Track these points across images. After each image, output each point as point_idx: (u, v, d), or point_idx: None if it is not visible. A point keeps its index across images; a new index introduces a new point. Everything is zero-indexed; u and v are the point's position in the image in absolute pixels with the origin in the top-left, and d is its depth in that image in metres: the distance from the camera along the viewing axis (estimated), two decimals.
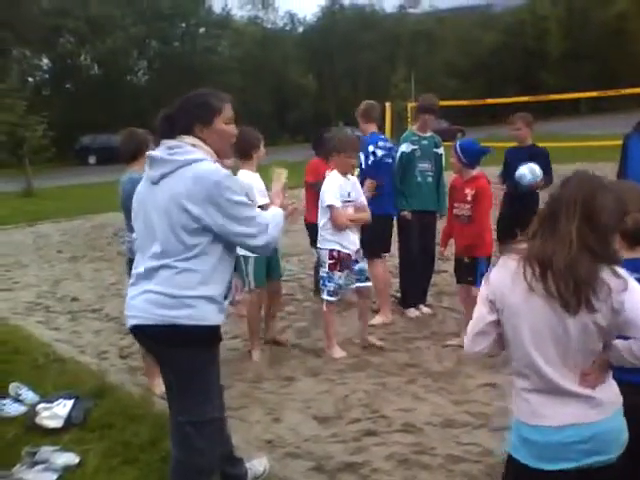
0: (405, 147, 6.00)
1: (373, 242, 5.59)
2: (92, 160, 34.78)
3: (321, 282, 5.17)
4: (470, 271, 5.02)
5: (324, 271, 5.08)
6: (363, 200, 5.19)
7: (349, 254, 5.05)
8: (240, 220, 2.63)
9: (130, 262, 4.47)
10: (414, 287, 6.19)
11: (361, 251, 5.20)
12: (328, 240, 5.05)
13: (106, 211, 14.91)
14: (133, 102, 41.54)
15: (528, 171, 5.74)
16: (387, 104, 17.15)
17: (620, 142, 6.39)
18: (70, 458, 3.47)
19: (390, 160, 5.97)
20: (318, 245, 5.20)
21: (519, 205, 6.16)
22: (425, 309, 6.19)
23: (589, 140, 18.48)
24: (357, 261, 5.13)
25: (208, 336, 2.71)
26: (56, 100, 40.76)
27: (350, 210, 5.09)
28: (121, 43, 41.95)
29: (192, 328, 2.63)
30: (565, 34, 55.54)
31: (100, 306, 7.05)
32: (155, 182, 2.66)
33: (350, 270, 5.10)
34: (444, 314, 6.06)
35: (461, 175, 5.09)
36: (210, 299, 2.66)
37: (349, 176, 5.16)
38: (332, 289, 5.07)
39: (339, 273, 5.03)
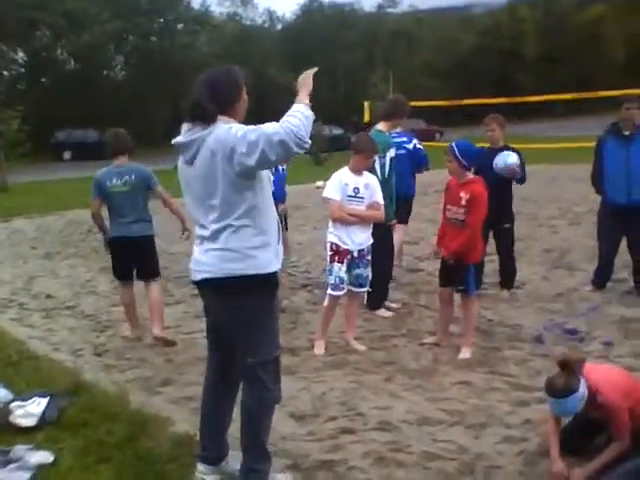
0: (393, 153, 5.87)
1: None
2: (67, 156, 34.45)
3: (326, 276, 5.19)
4: (460, 279, 4.93)
5: (327, 265, 5.14)
6: (377, 199, 5.13)
7: (348, 250, 5.04)
8: (250, 138, 2.77)
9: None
10: (384, 290, 6.19)
11: (367, 256, 5.16)
12: (329, 233, 5.12)
13: (80, 207, 14.76)
14: (109, 97, 41.18)
15: (514, 157, 6.05)
16: (365, 103, 17.22)
17: (587, 144, 6.52)
18: (44, 457, 3.44)
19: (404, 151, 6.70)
20: None
21: (495, 200, 6.24)
22: (393, 304, 6.23)
23: (563, 142, 18.71)
24: (358, 265, 5.11)
25: (268, 282, 3.01)
26: (32, 94, 40.23)
27: (360, 207, 5.07)
28: (98, 38, 41.47)
29: (254, 277, 2.95)
30: (542, 37, 56.18)
31: (75, 303, 6.98)
32: (189, 163, 2.97)
33: (349, 268, 5.08)
34: (420, 312, 6.10)
35: (457, 177, 4.95)
36: (266, 247, 2.97)
37: (366, 174, 5.15)
38: (332, 282, 5.07)
39: (338, 264, 5.02)
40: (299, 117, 2.76)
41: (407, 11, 58.14)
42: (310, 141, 2.84)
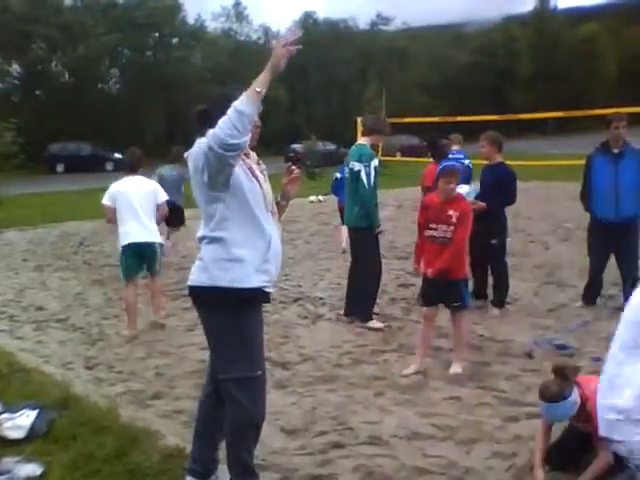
0: (376, 162, 6.10)
1: None
2: (60, 168, 34.44)
3: None
4: (454, 295, 4.89)
5: None
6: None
7: None
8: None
9: None
10: (372, 299, 6.24)
11: None
12: None
13: (72, 219, 14.76)
14: (104, 111, 41.16)
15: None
16: (359, 119, 17.33)
17: (580, 162, 6.58)
18: (33, 469, 3.41)
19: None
20: None
21: (493, 221, 6.30)
22: (377, 324, 6.21)
23: (556, 159, 18.87)
24: None
25: (240, 297, 2.91)
26: (26, 107, 40.21)
27: None
28: (93, 51, 41.56)
29: (223, 289, 2.89)
30: (535, 55, 56.73)
31: (65, 316, 6.96)
32: None
33: None
34: (412, 327, 6.10)
35: (441, 194, 4.91)
36: (241, 261, 2.90)
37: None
38: None
39: None
40: (228, 114, 2.68)
41: (400, 28, 58.55)
42: (238, 138, 2.67)
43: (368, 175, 5.94)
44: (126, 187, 6.24)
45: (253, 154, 3.14)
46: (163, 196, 6.42)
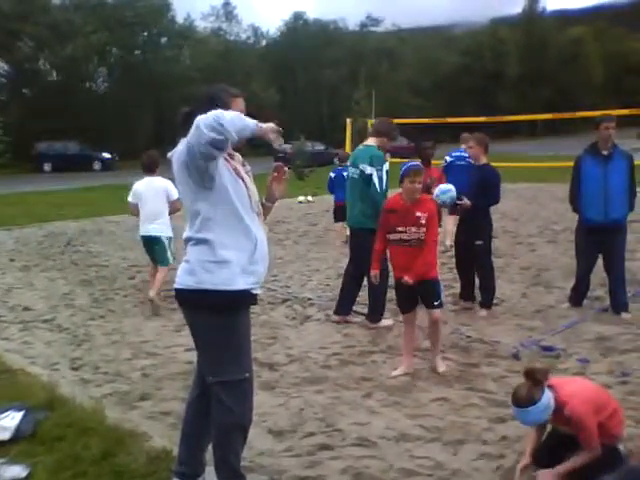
0: (387, 166, 6.14)
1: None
2: (47, 167, 34.27)
3: None
4: (432, 294, 4.88)
5: None
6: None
7: None
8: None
9: None
10: (382, 300, 6.25)
11: None
12: None
13: (59, 219, 14.67)
14: (92, 110, 40.96)
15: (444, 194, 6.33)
16: (348, 120, 17.37)
17: (567, 163, 6.61)
18: (18, 471, 3.39)
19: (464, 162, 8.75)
20: None
21: (479, 222, 6.36)
22: (357, 318, 6.37)
23: (543, 161, 18.97)
24: None
25: (226, 300, 2.89)
26: (13, 105, 39.96)
27: None
28: (81, 49, 41.33)
29: (209, 292, 2.88)
30: (523, 57, 57.10)
31: (52, 316, 6.91)
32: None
33: None
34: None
35: (406, 194, 4.89)
36: (227, 264, 2.87)
37: None
38: None
39: None
40: (233, 113, 2.71)
41: (390, 30, 58.78)
42: (229, 134, 2.65)
43: (380, 179, 6.00)
44: (141, 186, 7.20)
45: (238, 155, 3.11)
46: (175, 194, 6.89)
